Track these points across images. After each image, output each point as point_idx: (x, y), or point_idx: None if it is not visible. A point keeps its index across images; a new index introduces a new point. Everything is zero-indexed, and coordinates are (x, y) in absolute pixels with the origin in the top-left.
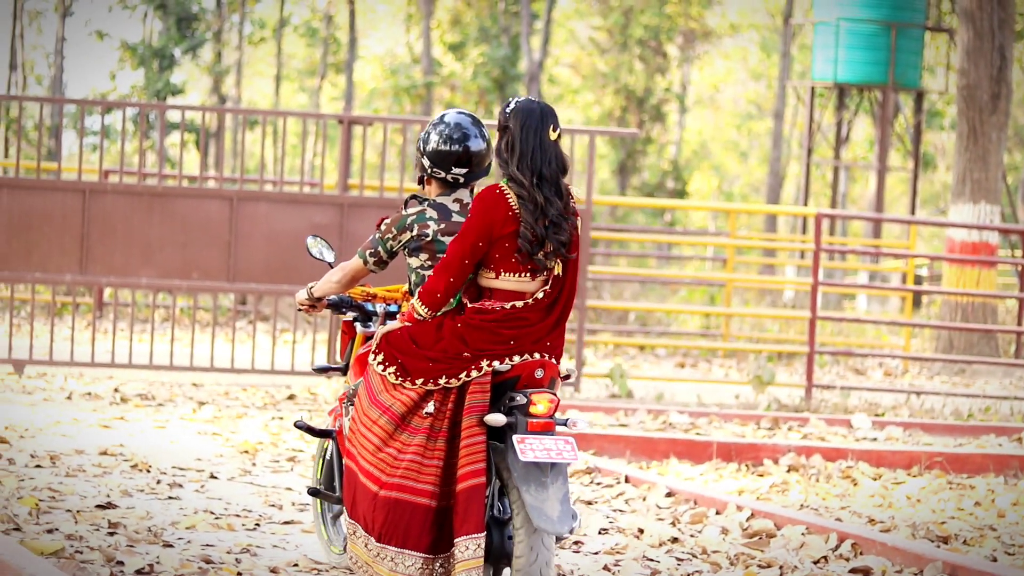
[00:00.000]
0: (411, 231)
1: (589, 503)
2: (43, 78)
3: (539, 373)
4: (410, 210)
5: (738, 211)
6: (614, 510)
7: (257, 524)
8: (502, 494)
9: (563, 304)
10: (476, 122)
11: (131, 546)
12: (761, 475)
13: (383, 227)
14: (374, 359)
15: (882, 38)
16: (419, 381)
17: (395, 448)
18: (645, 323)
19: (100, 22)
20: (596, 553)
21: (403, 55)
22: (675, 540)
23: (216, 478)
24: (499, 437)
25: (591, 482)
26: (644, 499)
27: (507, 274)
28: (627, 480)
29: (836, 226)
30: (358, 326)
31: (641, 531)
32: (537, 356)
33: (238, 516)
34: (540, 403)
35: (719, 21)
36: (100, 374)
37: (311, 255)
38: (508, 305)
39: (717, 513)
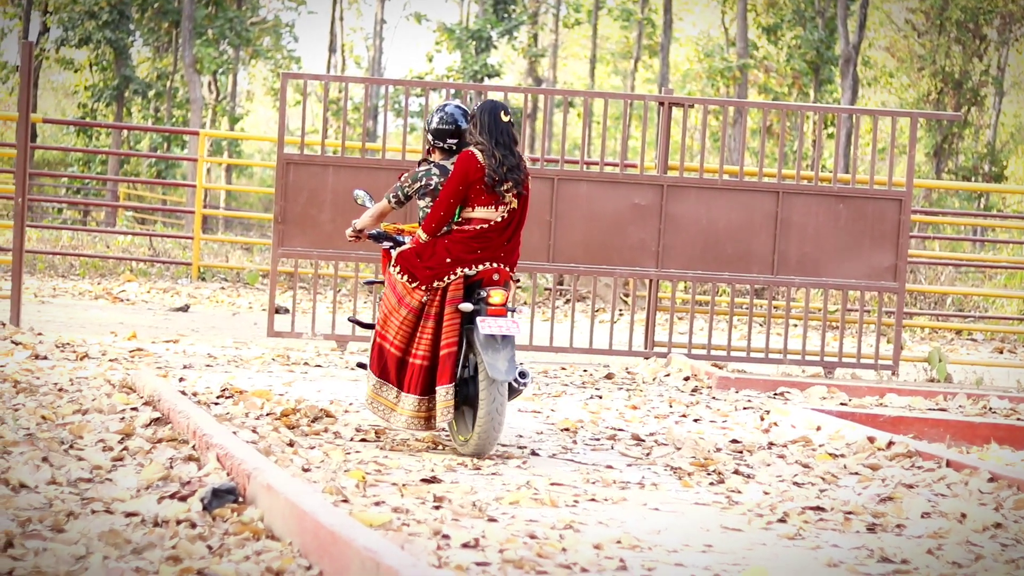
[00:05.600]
0: (420, 182)
1: (910, 487)
2: (361, 59)
3: (496, 276)
4: (421, 168)
5: None
6: (936, 494)
7: (577, 500)
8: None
9: (514, 227)
10: (464, 112)
11: (456, 520)
12: None
13: (402, 179)
14: (394, 270)
15: None
16: (424, 287)
17: (417, 333)
18: (962, 307)
19: (418, 4)
20: (919, 537)
21: (718, 37)
22: (998, 526)
23: (537, 455)
24: (472, 322)
25: (911, 466)
26: (966, 484)
27: (479, 207)
28: (948, 464)
29: None
30: (392, 252)
31: (964, 516)
32: (495, 266)
33: (560, 492)
34: (495, 296)
35: None
36: None
37: (357, 203)
38: (479, 227)
39: None
